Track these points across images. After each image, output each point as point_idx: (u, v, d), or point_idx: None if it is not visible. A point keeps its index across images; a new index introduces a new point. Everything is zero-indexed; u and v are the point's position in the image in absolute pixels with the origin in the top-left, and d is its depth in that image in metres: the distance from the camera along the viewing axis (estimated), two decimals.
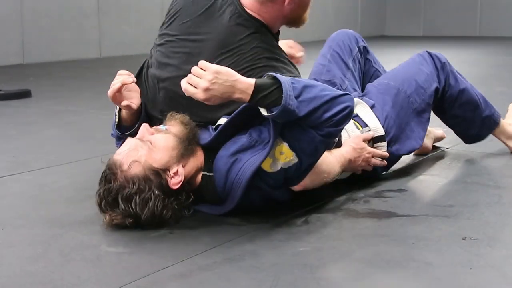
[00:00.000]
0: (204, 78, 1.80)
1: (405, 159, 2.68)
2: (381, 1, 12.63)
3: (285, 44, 2.46)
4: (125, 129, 2.12)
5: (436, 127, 2.88)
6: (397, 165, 2.55)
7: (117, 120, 2.16)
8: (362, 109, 2.37)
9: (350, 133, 2.29)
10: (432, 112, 2.60)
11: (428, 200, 2.23)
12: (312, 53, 2.51)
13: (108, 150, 2.28)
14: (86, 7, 7.74)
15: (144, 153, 1.83)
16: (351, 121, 2.31)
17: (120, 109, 2.17)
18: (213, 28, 2.07)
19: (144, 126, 1.91)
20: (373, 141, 2.32)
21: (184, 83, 1.84)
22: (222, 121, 1.99)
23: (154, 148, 1.85)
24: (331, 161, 2.11)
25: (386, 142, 2.34)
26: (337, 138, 2.20)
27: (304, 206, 2.05)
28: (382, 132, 2.34)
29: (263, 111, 1.82)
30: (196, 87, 1.81)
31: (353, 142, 2.24)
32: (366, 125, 2.33)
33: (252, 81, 1.81)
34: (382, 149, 2.34)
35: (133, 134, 1.97)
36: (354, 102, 2.34)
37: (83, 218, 1.95)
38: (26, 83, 5.41)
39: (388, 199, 2.16)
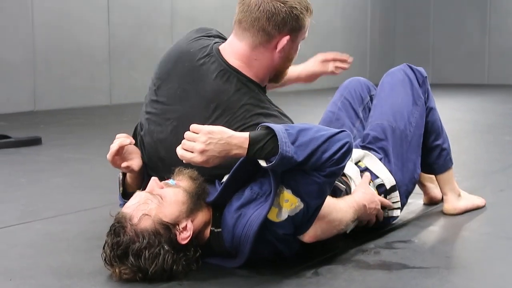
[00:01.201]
0: (198, 141, 1.80)
1: (415, 209, 2.67)
2: (389, 49, 12.74)
3: (316, 61, 2.55)
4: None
5: None
6: (407, 215, 2.54)
7: (121, 189, 2.16)
8: (370, 160, 2.36)
9: (357, 183, 2.28)
10: None
11: (440, 251, 2.20)
12: (322, 101, 2.53)
13: (117, 199, 2.28)
14: (98, 55, 7.83)
15: (154, 206, 1.82)
16: (359, 174, 2.30)
17: (124, 178, 2.17)
18: (200, 89, 2.04)
19: (154, 180, 1.90)
20: (385, 193, 2.31)
21: (179, 150, 1.84)
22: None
23: (164, 202, 1.84)
24: (342, 208, 2.08)
25: (397, 191, 2.33)
26: (346, 188, 2.19)
27: (314, 257, 2.03)
28: (393, 182, 2.33)
29: (262, 163, 1.81)
30: (192, 152, 1.81)
31: (362, 187, 2.23)
32: (377, 177, 2.32)
33: (246, 134, 1.82)
34: (395, 198, 2.33)
35: None
36: (362, 153, 2.36)
37: (92, 268, 1.94)
38: (37, 130, 5.45)
39: (398, 250, 2.14)
